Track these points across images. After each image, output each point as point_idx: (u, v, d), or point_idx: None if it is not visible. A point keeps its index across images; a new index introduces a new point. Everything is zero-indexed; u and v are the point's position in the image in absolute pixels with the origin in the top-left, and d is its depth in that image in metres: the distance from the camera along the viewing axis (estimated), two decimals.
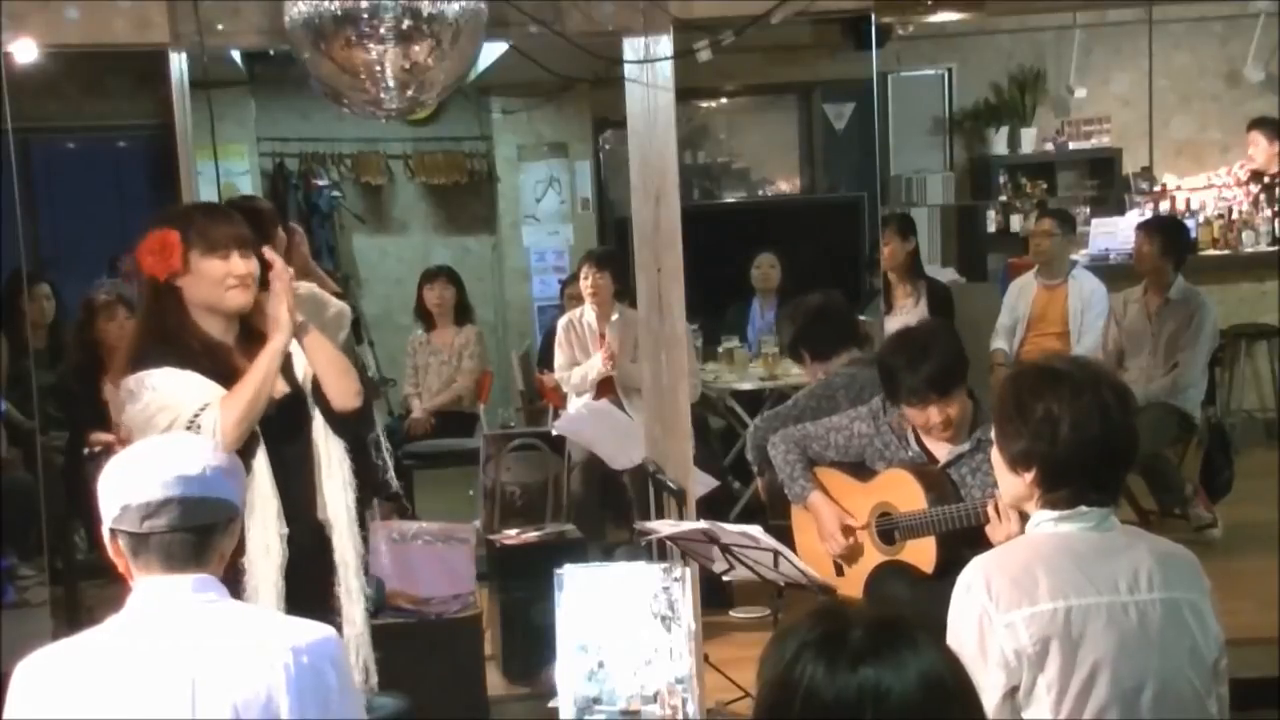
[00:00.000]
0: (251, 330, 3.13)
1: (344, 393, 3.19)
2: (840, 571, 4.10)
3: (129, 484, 2.10)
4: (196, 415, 2.94)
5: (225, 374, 3.02)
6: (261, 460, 3.04)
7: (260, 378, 3.00)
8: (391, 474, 3.41)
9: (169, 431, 2.89)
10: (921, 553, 3.87)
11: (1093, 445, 2.31)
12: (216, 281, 3.05)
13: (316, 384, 3.19)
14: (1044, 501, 2.38)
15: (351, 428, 3.23)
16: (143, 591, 2.09)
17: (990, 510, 3.41)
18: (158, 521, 2.07)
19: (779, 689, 1.56)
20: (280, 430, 3.10)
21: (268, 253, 3.13)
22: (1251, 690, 2.72)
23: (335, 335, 4.04)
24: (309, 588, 3.08)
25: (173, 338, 3.04)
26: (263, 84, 8.25)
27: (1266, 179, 8.42)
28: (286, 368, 3.15)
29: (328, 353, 3.20)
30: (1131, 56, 8.94)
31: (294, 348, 3.18)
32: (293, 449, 3.14)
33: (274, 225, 4.06)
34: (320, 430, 3.20)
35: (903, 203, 8.82)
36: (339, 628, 3.08)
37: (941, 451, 3.92)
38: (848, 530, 4.06)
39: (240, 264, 3.06)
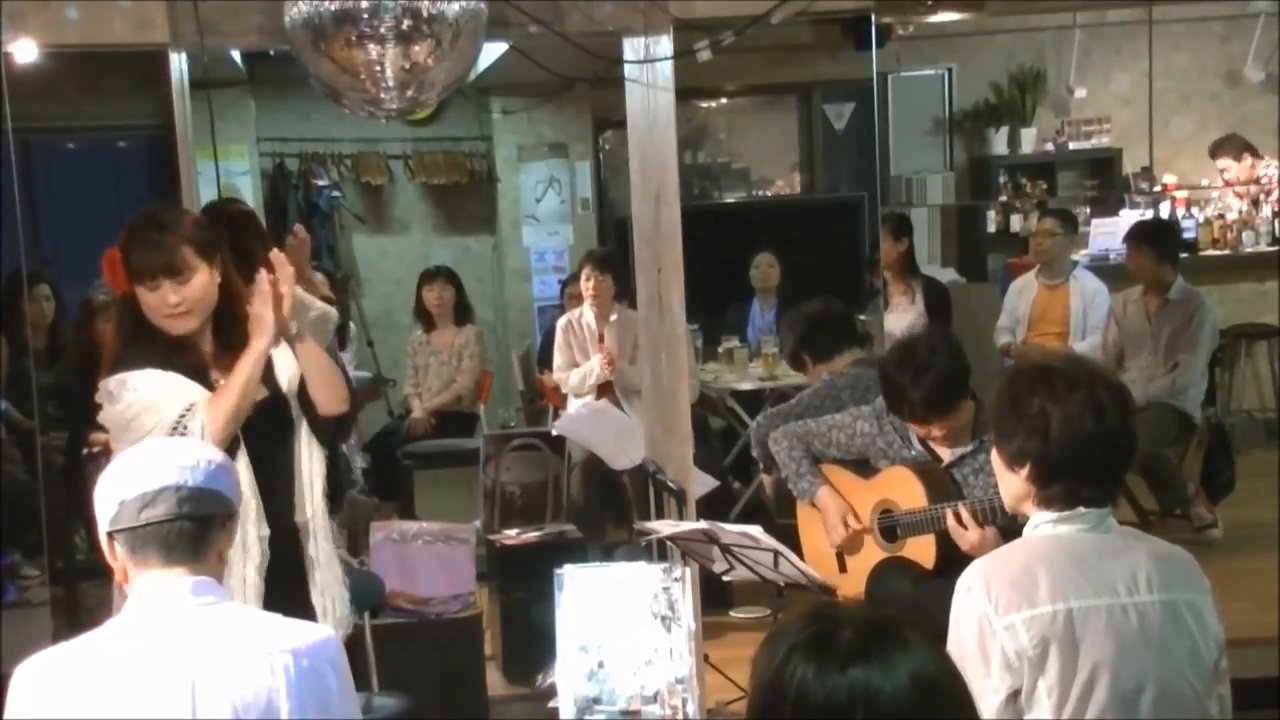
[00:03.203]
0: (222, 325, 3.10)
1: (331, 399, 3.19)
2: (843, 568, 4.11)
3: (125, 481, 2.10)
4: (182, 417, 2.94)
5: (196, 370, 3.02)
6: (242, 462, 3.03)
7: (244, 379, 2.99)
8: (357, 477, 3.42)
9: (153, 433, 2.89)
10: (922, 550, 3.88)
11: (1085, 442, 2.32)
12: (152, 310, 3.02)
13: (304, 389, 3.18)
14: (1039, 500, 2.38)
15: (333, 434, 3.23)
16: (142, 590, 2.09)
17: (959, 516, 3.47)
18: (155, 511, 2.06)
19: (770, 691, 1.56)
20: (260, 433, 3.09)
21: (266, 278, 3.05)
22: (1251, 690, 2.72)
23: (316, 339, 4.03)
24: (284, 589, 3.09)
25: (144, 340, 3.03)
26: (263, 84, 8.24)
27: (1264, 181, 8.44)
28: (266, 373, 3.13)
29: (317, 359, 3.20)
30: (1131, 56, 8.94)
31: (275, 353, 3.17)
32: (272, 452, 3.14)
33: (251, 228, 3.98)
34: (304, 435, 3.19)
35: (902, 203, 8.82)
36: None
37: (945, 451, 3.93)
38: (851, 526, 4.08)
39: (171, 294, 2.98)
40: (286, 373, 3.17)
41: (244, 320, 3.07)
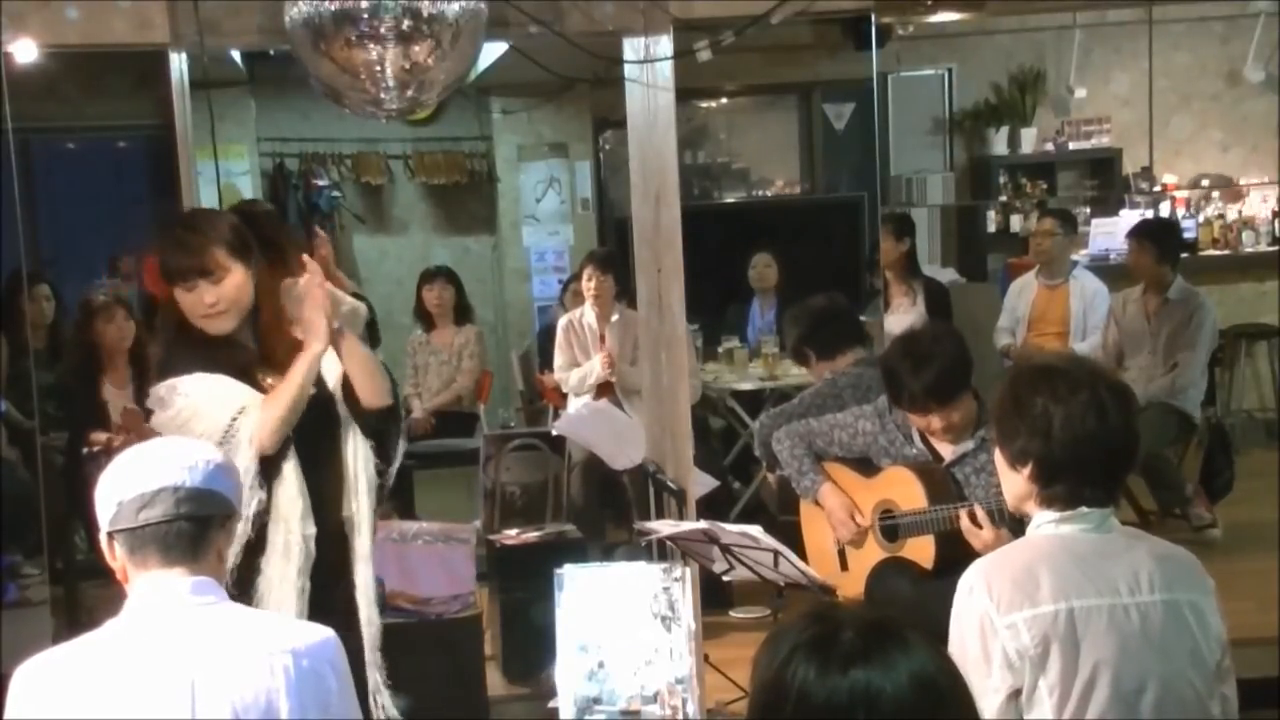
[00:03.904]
0: (261, 324, 3.11)
1: (375, 392, 3.18)
2: (844, 566, 4.11)
3: (124, 482, 2.10)
4: (234, 421, 2.94)
5: (242, 370, 3.03)
6: (291, 461, 3.04)
7: (298, 383, 2.99)
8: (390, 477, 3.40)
9: (204, 438, 2.88)
10: (921, 550, 3.88)
11: (1087, 442, 2.32)
12: (190, 310, 3.03)
13: (348, 385, 3.18)
14: (1041, 499, 2.38)
15: (379, 426, 3.22)
16: (141, 590, 2.09)
17: (974, 514, 3.47)
18: (153, 511, 2.06)
19: (771, 691, 1.56)
20: (309, 431, 3.09)
21: (313, 282, 3.05)
22: (1252, 690, 2.71)
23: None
24: (329, 587, 3.09)
25: (188, 343, 3.04)
26: (263, 84, 8.24)
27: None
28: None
29: (360, 353, 3.19)
30: (1131, 56, 8.94)
31: None
32: (320, 450, 3.14)
33: (278, 229, 3.99)
34: (350, 430, 3.19)
35: (903, 203, 8.82)
36: (356, 627, 3.10)
37: (946, 450, 3.93)
38: (859, 521, 4.08)
39: (209, 293, 3.00)
40: (333, 372, 3.17)
41: (279, 319, 3.07)
